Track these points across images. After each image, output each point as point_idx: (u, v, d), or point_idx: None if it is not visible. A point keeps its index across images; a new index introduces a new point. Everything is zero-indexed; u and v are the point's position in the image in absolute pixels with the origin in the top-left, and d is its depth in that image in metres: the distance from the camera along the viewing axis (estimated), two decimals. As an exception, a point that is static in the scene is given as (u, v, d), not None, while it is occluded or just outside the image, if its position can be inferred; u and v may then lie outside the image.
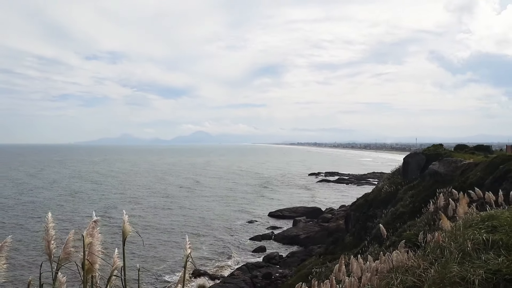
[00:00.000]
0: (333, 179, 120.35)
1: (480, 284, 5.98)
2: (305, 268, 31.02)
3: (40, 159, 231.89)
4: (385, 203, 35.20)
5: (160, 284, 30.35)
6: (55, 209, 59.75)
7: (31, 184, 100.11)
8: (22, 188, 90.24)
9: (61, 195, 79.51)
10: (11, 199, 73.41)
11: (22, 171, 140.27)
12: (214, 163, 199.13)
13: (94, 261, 2.75)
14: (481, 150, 38.51)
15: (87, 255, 2.72)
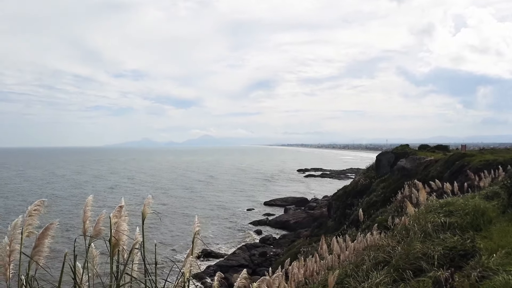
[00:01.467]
0: (317, 174, 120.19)
1: (439, 259, 6.04)
2: (294, 248, 31.01)
3: (80, 159, 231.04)
4: (361, 193, 35.25)
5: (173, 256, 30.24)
6: (96, 198, 59.72)
7: (77, 179, 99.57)
8: (70, 183, 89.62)
9: (102, 187, 79.30)
10: (62, 191, 73.32)
11: (68, 169, 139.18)
12: (221, 161, 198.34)
13: (120, 237, 2.79)
14: (441, 149, 38.64)
15: (114, 233, 2.76)
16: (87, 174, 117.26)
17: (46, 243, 2.52)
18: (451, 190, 11.78)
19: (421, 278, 5.51)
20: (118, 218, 2.80)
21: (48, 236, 2.54)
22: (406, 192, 14.12)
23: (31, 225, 2.51)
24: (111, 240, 2.74)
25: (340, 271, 8.02)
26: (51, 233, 2.56)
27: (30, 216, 2.51)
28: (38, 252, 2.49)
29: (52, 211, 47.87)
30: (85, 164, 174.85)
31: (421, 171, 27.55)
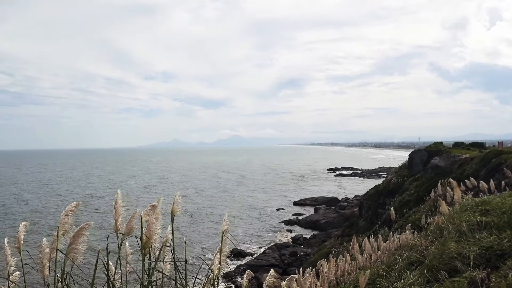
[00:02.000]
0: (348, 173, 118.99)
1: (475, 259, 5.88)
2: (325, 248, 30.82)
3: (114, 160, 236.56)
4: (393, 192, 34.66)
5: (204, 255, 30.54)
6: (131, 197, 61.41)
7: (112, 179, 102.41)
8: (106, 183, 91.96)
9: (137, 187, 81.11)
10: (99, 191, 75.45)
11: (103, 170, 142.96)
12: (251, 161, 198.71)
13: (151, 235, 2.85)
14: (476, 147, 37.58)
15: (145, 231, 2.82)
16: (122, 174, 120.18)
17: (80, 242, 2.60)
18: (487, 189, 11.44)
19: (456, 279, 5.38)
20: (150, 217, 2.86)
21: (83, 235, 2.62)
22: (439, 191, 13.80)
23: (66, 224, 2.60)
24: (143, 238, 2.80)
25: (371, 271, 7.92)
26: (85, 232, 2.64)
27: (66, 216, 2.60)
28: (73, 250, 2.58)
29: (89, 210, 49.32)
30: (119, 165, 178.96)
31: (456, 169, 26.87)
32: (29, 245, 2.59)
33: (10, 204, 58.82)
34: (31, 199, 63.79)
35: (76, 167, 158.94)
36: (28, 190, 76.99)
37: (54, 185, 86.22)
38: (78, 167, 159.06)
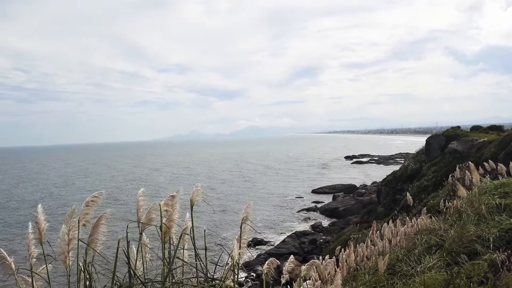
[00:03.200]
0: (365, 160, 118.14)
1: (494, 241, 5.80)
2: (345, 235, 30.75)
3: (135, 153, 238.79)
4: (411, 178, 34.30)
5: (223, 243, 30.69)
6: (156, 189, 62.22)
7: (135, 172, 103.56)
8: (129, 176, 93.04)
9: (161, 179, 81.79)
10: (123, 183, 76.48)
11: (125, 163, 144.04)
12: (270, 151, 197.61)
13: (170, 225, 2.88)
14: (494, 130, 36.87)
15: (165, 220, 2.86)
16: (144, 167, 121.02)
17: (101, 231, 2.64)
18: (506, 171, 11.22)
19: (475, 261, 5.31)
20: (168, 207, 2.89)
21: (103, 225, 2.66)
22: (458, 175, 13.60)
23: (87, 215, 2.64)
24: (162, 227, 2.84)
25: (391, 256, 7.88)
26: (105, 222, 2.68)
27: (87, 206, 2.64)
28: (94, 239, 2.62)
29: (116, 202, 50.09)
30: (139, 158, 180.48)
31: (474, 153, 26.43)
32: (53, 235, 2.64)
33: (41, 199, 59.79)
34: (61, 194, 65.03)
35: (98, 162, 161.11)
36: (57, 185, 78.49)
37: (80, 180, 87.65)
38: (100, 162, 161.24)
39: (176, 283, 2.84)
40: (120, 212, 41.88)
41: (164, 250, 2.86)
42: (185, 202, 3.11)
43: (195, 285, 2.83)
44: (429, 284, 4.88)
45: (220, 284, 2.88)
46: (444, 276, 5.03)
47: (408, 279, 5.73)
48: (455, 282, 4.52)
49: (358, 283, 7.22)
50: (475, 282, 4.47)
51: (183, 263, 2.90)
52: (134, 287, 2.56)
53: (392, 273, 6.86)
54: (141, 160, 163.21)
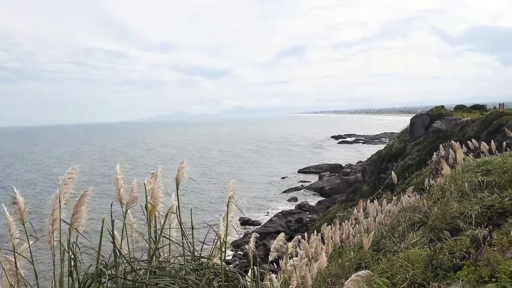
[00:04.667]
0: (351, 140, 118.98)
1: (477, 217, 5.89)
2: (330, 213, 31.13)
3: (124, 134, 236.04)
4: (396, 157, 34.71)
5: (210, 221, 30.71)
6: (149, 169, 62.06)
7: (130, 153, 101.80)
8: (124, 157, 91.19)
9: (159, 160, 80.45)
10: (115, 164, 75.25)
11: (116, 144, 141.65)
12: (258, 132, 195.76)
13: (155, 203, 2.84)
14: (477, 109, 37.36)
15: (149, 199, 2.82)
16: (137, 148, 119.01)
17: (83, 210, 2.59)
18: (488, 150, 11.39)
19: (458, 237, 5.40)
20: (153, 185, 2.85)
21: (85, 203, 2.61)
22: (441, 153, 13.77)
23: (67, 193, 2.58)
24: (147, 206, 2.80)
25: (375, 233, 7.99)
26: (87, 200, 2.62)
27: (65, 185, 2.58)
28: (77, 219, 2.57)
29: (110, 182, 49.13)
30: (131, 138, 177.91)
31: (457, 132, 26.77)
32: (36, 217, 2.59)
33: (35, 180, 58.75)
34: (57, 174, 63.94)
35: (90, 142, 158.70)
36: (51, 165, 77.30)
37: (73, 160, 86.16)
38: (91, 142, 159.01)
39: (163, 261, 2.82)
40: (110, 193, 41.58)
41: (150, 229, 2.83)
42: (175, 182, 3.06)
43: (182, 263, 2.82)
44: (412, 259, 4.96)
45: (207, 262, 2.87)
46: (427, 252, 5.11)
47: (392, 255, 5.82)
48: (437, 258, 4.60)
49: (343, 259, 7.32)
50: (457, 257, 4.55)
51: (169, 241, 2.88)
52: (120, 266, 2.53)
53: (376, 250, 6.96)
54: (134, 140, 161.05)
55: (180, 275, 2.70)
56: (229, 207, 2.90)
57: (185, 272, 2.76)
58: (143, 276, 2.64)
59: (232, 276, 2.91)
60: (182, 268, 2.78)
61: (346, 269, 6.56)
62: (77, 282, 2.52)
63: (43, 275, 2.59)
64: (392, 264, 5.14)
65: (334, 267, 7.04)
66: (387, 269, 4.99)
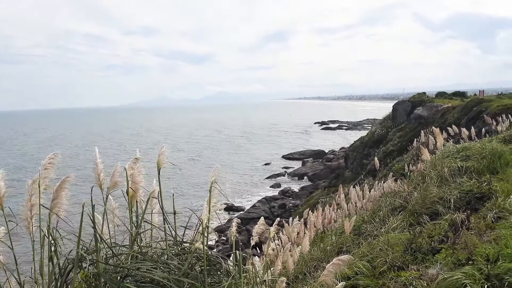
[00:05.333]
0: (334, 126, 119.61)
1: (455, 202, 6.02)
2: (313, 199, 31.40)
3: (107, 119, 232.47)
4: (378, 143, 35.10)
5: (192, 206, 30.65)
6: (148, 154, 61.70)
7: (115, 137, 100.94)
8: (110, 142, 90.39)
9: (147, 145, 79.50)
10: (108, 150, 73.54)
11: (102, 128, 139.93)
12: (243, 119, 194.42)
13: (137, 188, 2.82)
14: (458, 96, 37.91)
15: (130, 184, 2.79)
16: (123, 132, 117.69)
17: (63, 196, 2.56)
18: (468, 136, 11.58)
19: (437, 221, 5.51)
20: (134, 170, 2.82)
21: (66, 189, 2.58)
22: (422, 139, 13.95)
23: (47, 178, 2.54)
24: (129, 191, 2.78)
25: (357, 218, 8.10)
26: (67, 185, 2.59)
27: (45, 170, 2.54)
28: (57, 204, 2.54)
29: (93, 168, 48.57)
30: (116, 123, 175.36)
31: (438, 118, 27.15)
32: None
33: (18, 164, 57.47)
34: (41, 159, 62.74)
35: (74, 127, 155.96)
36: (34, 151, 75.71)
37: (58, 145, 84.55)
38: (76, 127, 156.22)
39: (145, 246, 2.82)
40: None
41: (131, 214, 2.81)
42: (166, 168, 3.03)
43: (164, 248, 2.82)
44: (392, 243, 5.05)
45: (190, 247, 2.87)
46: (406, 236, 5.21)
47: (373, 239, 5.91)
48: (417, 241, 4.69)
49: (325, 244, 7.41)
50: (436, 241, 4.65)
51: (151, 226, 2.87)
52: (101, 251, 2.52)
53: (357, 234, 7.07)
54: (116, 126, 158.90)
55: (162, 260, 2.70)
56: (212, 193, 2.90)
57: (167, 257, 2.76)
58: (124, 261, 2.63)
59: (215, 260, 2.92)
60: (164, 253, 2.78)
61: (328, 253, 6.65)
62: (58, 267, 2.50)
63: (23, 260, 2.56)
64: (372, 248, 5.23)
65: (316, 251, 7.13)
66: (367, 253, 5.08)
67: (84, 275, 2.42)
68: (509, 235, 3.83)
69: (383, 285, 3.93)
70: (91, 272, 2.45)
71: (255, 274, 3.10)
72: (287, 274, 5.94)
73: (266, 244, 4.45)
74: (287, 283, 4.59)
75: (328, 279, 2.91)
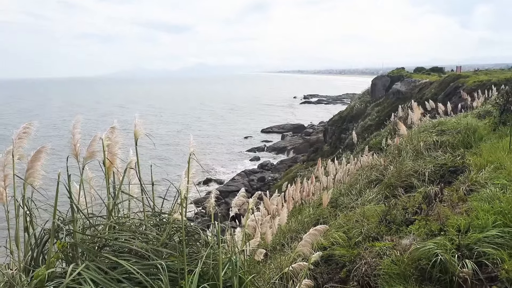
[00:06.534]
0: (314, 100, 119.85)
1: (430, 175, 6.16)
2: (292, 172, 31.71)
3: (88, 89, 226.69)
4: (356, 118, 35.43)
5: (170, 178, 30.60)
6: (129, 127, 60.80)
7: (101, 108, 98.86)
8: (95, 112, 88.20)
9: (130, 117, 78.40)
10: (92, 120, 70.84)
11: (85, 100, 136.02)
12: (223, 92, 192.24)
13: (113, 159, 2.79)
14: (436, 71, 38.33)
15: (107, 154, 2.76)
16: (107, 104, 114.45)
17: (39, 166, 2.51)
18: (444, 111, 11.79)
19: (411, 194, 5.65)
20: (110, 140, 2.78)
21: (41, 159, 2.53)
22: (400, 114, 14.16)
23: (21, 148, 2.48)
24: (105, 161, 2.74)
25: (334, 191, 8.23)
26: (43, 156, 2.54)
27: (19, 139, 2.48)
28: (32, 174, 2.49)
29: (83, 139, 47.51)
30: (94, 94, 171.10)
31: (416, 93, 27.48)
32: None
33: None
34: None
35: (53, 97, 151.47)
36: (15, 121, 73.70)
37: (39, 115, 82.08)
38: (55, 97, 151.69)
39: (122, 217, 2.81)
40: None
41: (108, 185, 2.79)
42: None
43: (142, 219, 2.81)
44: (368, 215, 5.17)
45: (168, 218, 2.88)
46: (382, 208, 5.33)
47: (349, 211, 6.04)
48: (391, 213, 4.81)
49: (303, 216, 7.53)
50: (410, 212, 4.77)
51: (129, 197, 2.85)
52: (78, 222, 2.50)
53: (335, 206, 7.21)
54: (97, 96, 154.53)
55: (141, 230, 2.70)
56: (190, 164, 2.89)
57: (145, 228, 2.76)
58: (102, 232, 2.62)
59: (193, 231, 2.94)
60: (142, 224, 2.78)
61: (306, 224, 6.77)
62: (34, 238, 2.47)
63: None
64: (348, 219, 5.34)
65: (294, 223, 7.25)
66: (344, 224, 5.19)
67: (60, 245, 2.41)
68: (480, 207, 3.95)
69: (358, 254, 4.04)
70: (68, 243, 2.44)
71: (233, 244, 3.13)
72: (266, 245, 6.04)
73: (245, 216, 4.50)
74: (265, 254, 4.67)
75: (305, 249, 2.97)
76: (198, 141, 3.06)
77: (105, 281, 2.20)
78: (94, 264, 2.27)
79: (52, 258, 2.37)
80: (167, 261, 2.43)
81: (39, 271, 2.21)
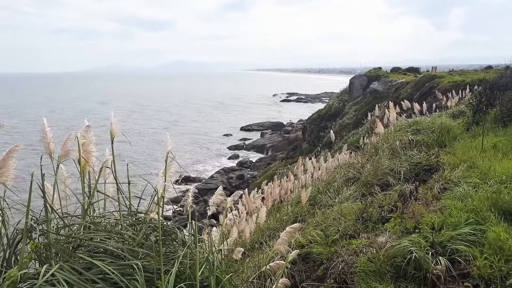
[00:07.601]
0: (293, 98, 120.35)
1: (405, 174, 6.26)
2: (271, 170, 31.78)
3: (69, 85, 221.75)
4: (334, 116, 35.73)
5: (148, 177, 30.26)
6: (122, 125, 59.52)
7: (82, 105, 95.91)
8: (76, 109, 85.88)
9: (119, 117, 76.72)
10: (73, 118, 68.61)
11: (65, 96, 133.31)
12: (201, 89, 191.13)
13: (88, 158, 2.74)
14: (412, 71, 38.96)
15: (82, 153, 2.71)
16: (88, 100, 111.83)
17: (11, 165, 2.45)
18: (419, 111, 11.99)
19: (387, 192, 5.73)
20: (85, 139, 2.73)
21: (13, 158, 2.46)
22: (377, 113, 14.34)
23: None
24: (81, 160, 2.69)
25: (312, 189, 8.28)
26: (15, 155, 2.48)
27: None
28: (4, 173, 2.43)
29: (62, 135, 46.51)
30: (74, 91, 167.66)
31: (393, 93, 27.88)
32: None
33: None
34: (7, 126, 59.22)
35: (33, 93, 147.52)
36: (6, 116, 71.55)
37: (23, 111, 79.94)
38: (35, 93, 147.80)
39: (97, 216, 2.76)
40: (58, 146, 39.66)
41: (83, 184, 2.73)
42: None
43: (118, 218, 2.77)
44: (345, 213, 5.22)
45: (145, 217, 2.84)
46: (358, 206, 5.39)
47: (327, 209, 6.08)
48: (368, 211, 4.87)
49: (281, 214, 7.56)
50: (386, 210, 4.84)
51: (104, 196, 2.80)
52: (52, 222, 2.45)
53: (313, 204, 7.25)
54: (81, 92, 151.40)
55: (116, 230, 2.66)
56: (167, 162, 2.86)
57: (121, 227, 2.72)
58: (77, 231, 2.57)
59: (170, 230, 2.91)
60: (118, 223, 2.74)
61: (284, 222, 6.79)
62: (6, 238, 2.41)
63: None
64: (326, 217, 5.38)
65: (273, 221, 7.27)
66: (321, 222, 5.22)
67: (34, 245, 2.35)
68: (453, 205, 4.04)
69: (335, 252, 4.07)
70: (42, 243, 2.39)
71: (211, 243, 3.12)
72: (244, 243, 6.04)
73: (223, 214, 4.48)
74: (243, 252, 4.66)
75: (282, 247, 2.98)
76: (177, 138, 3.03)
77: (80, 282, 2.16)
78: (68, 264, 2.23)
79: (25, 259, 2.32)
80: (143, 261, 2.41)
81: (11, 272, 2.16)
